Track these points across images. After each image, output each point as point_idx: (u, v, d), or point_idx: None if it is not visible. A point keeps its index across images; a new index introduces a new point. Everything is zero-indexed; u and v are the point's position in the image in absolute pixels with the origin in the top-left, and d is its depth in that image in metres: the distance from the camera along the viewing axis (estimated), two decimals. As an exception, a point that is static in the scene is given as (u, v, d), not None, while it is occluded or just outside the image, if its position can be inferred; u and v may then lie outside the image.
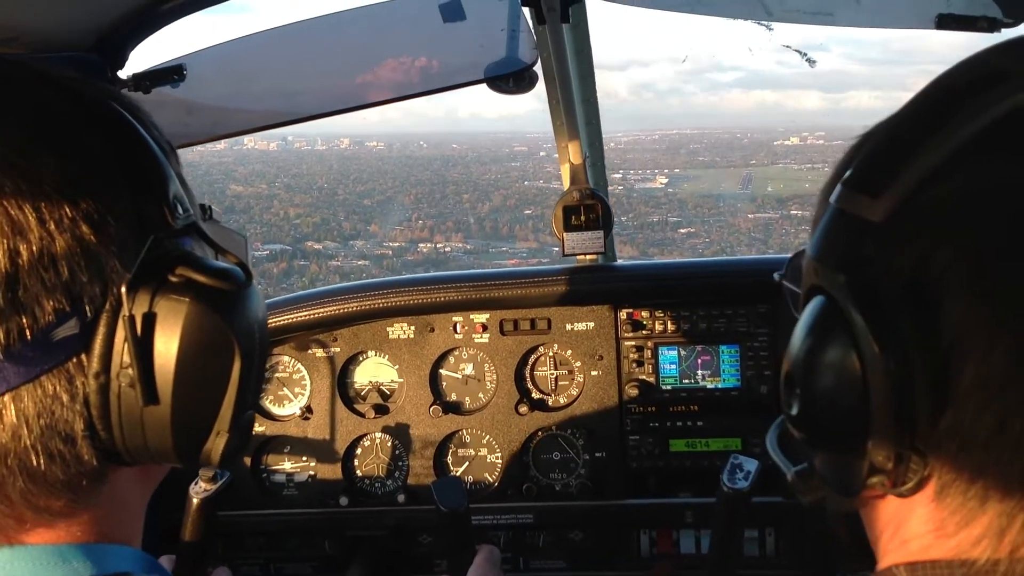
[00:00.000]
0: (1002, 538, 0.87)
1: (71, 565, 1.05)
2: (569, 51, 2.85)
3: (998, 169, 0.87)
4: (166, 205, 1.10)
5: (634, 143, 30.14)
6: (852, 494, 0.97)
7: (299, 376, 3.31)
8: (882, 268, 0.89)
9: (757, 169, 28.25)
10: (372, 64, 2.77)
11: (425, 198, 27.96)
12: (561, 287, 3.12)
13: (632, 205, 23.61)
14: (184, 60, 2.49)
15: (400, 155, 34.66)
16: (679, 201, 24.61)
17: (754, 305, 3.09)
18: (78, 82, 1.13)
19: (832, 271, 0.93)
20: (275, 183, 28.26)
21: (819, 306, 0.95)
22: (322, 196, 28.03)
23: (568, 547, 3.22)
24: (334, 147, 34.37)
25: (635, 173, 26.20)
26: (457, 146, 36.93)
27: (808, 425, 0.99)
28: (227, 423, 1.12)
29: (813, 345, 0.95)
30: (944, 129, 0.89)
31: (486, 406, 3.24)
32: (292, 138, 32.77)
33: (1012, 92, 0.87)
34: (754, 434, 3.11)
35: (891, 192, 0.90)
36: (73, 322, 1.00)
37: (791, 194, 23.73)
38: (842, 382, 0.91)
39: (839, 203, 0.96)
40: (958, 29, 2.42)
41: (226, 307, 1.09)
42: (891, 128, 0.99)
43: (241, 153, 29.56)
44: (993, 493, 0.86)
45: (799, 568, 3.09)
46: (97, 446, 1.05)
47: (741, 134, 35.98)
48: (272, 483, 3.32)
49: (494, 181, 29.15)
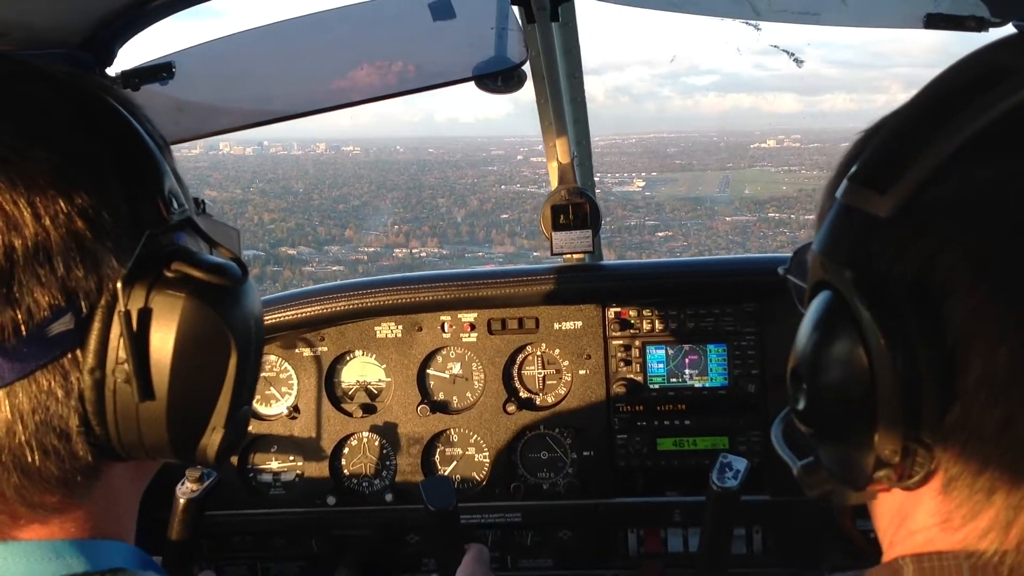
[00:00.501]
0: (1009, 530, 0.88)
1: (65, 561, 1.05)
2: (558, 50, 2.87)
3: (1001, 167, 0.88)
4: (161, 200, 1.10)
5: (611, 146, 30.27)
6: (859, 487, 0.97)
7: (286, 375, 3.31)
8: (889, 264, 0.90)
9: (734, 172, 28.46)
10: (362, 61, 2.78)
11: (401, 203, 27.95)
12: (549, 286, 3.14)
13: (610, 208, 23.71)
14: (173, 57, 2.49)
15: (377, 159, 34.65)
16: (656, 204, 24.73)
17: (741, 304, 3.12)
18: (72, 77, 1.13)
19: (839, 266, 0.94)
20: (250, 188, 28.14)
21: (826, 301, 0.96)
22: (297, 201, 27.96)
23: (556, 546, 3.24)
24: (310, 152, 34.33)
25: (612, 176, 26.30)
26: (434, 151, 36.96)
27: (815, 419, 1.01)
28: (223, 418, 1.13)
29: (820, 340, 0.96)
30: (949, 125, 0.90)
31: (474, 405, 3.25)
32: (268, 143, 32.70)
33: (1015, 89, 0.88)
34: (741, 433, 3.14)
35: (898, 188, 0.91)
36: (68, 317, 1.00)
37: (768, 197, 23.91)
38: (849, 377, 0.92)
39: (846, 198, 0.97)
40: (946, 28, 2.46)
41: (222, 302, 1.09)
42: (897, 123, 1.00)
43: (216, 159, 29.44)
44: (1000, 486, 0.87)
45: (786, 566, 3.12)
46: (92, 442, 1.05)
47: (718, 137, 36.29)
48: (259, 483, 3.32)
49: (471, 185, 29.19)
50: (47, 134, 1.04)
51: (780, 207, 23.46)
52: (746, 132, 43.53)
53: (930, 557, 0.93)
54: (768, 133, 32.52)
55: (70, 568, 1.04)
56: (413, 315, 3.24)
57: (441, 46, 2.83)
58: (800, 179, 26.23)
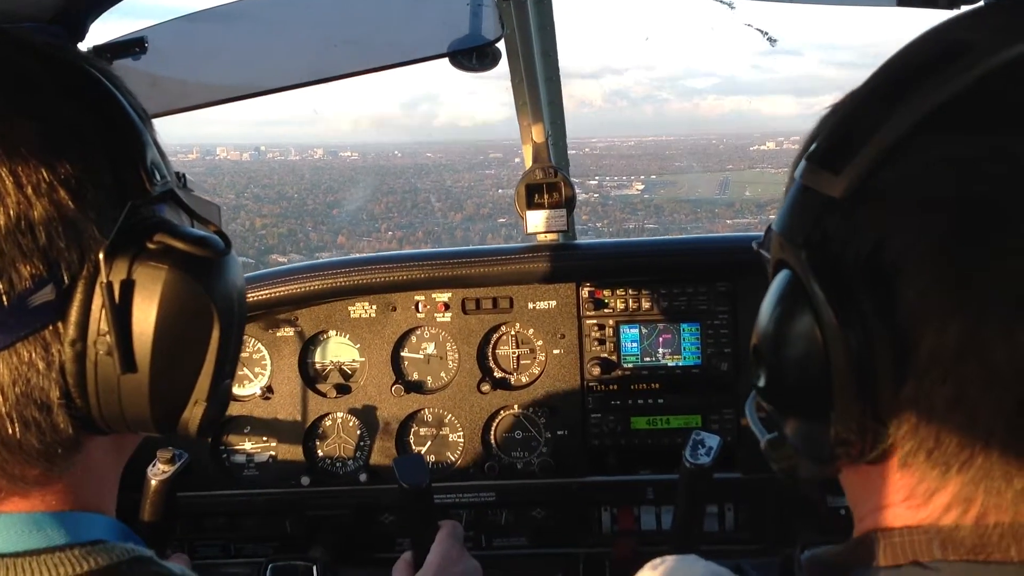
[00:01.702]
0: (969, 506, 0.89)
1: (45, 533, 1.06)
2: (533, 28, 2.92)
3: (952, 148, 0.88)
4: (144, 171, 1.11)
5: (609, 149, 30.28)
6: (821, 462, 1.00)
7: (259, 356, 3.34)
8: (842, 245, 0.92)
9: (734, 174, 28.41)
10: (336, 37, 2.82)
11: (396, 207, 27.89)
12: (523, 265, 3.18)
13: (608, 211, 23.66)
14: (146, 32, 2.54)
15: (374, 164, 34.59)
16: (655, 207, 24.67)
17: (714, 283, 3.17)
18: (54, 48, 1.13)
19: (795, 247, 0.96)
20: (244, 193, 28.09)
21: (784, 280, 0.98)
22: (291, 206, 27.88)
23: (530, 525, 3.29)
24: (308, 157, 34.30)
25: (611, 179, 26.28)
26: (432, 155, 36.92)
27: (774, 396, 1.04)
28: (205, 392, 1.14)
29: (778, 318, 0.98)
30: (903, 104, 0.91)
31: (448, 385, 3.29)
32: (265, 148, 32.64)
33: (971, 65, 0.87)
34: (714, 411, 3.20)
35: (851, 169, 0.92)
36: (49, 288, 1.01)
37: (769, 198, 23.79)
38: (805, 355, 0.94)
39: (803, 179, 0.99)
40: (919, 6, 2.51)
41: (205, 274, 1.10)
42: (853, 103, 1.01)
43: (213, 164, 29.42)
44: (954, 462, 0.88)
45: (758, 542, 3.17)
46: (73, 414, 1.06)
47: (717, 140, 36.27)
48: (232, 463, 3.35)
49: (467, 189, 29.15)
50: (30, 103, 1.05)
51: (782, 208, 23.40)
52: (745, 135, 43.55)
53: (900, 532, 0.95)
54: (768, 135, 32.60)
55: (51, 540, 1.05)
56: (387, 295, 3.28)
57: (416, 22, 2.87)
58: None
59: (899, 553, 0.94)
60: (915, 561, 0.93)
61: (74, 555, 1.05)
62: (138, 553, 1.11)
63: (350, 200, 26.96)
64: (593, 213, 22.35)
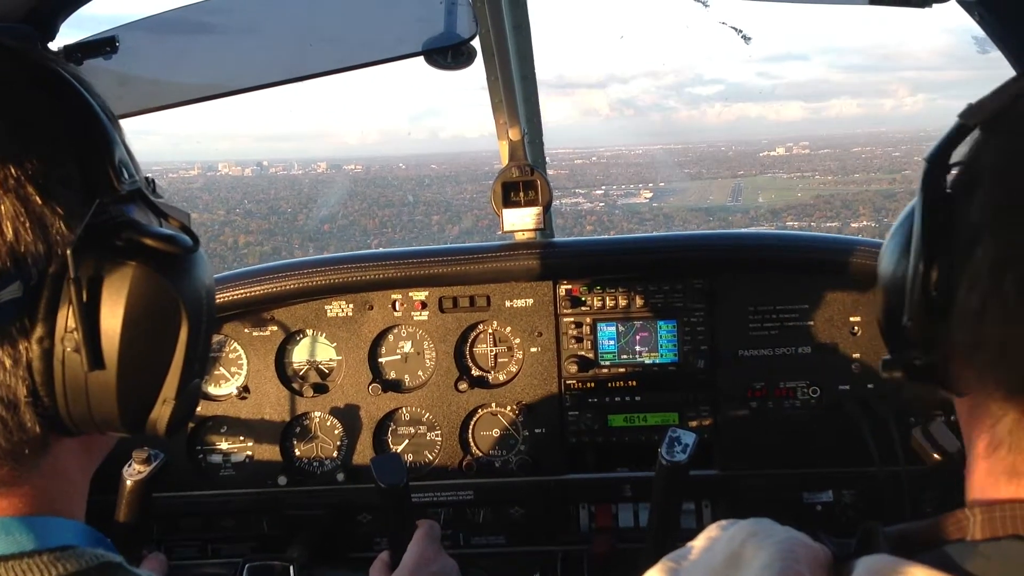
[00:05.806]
0: None
1: (13, 538, 1.07)
2: (508, 26, 3.05)
3: None
4: (112, 169, 1.15)
5: (616, 157, 30.28)
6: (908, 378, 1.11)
7: (236, 355, 3.47)
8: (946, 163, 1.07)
9: (745, 180, 28.39)
10: (309, 35, 2.95)
11: (391, 221, 27.85)
12: (500, 263, 3.31)
13: (615, 222, 23.65)
14: (116, 32, 2.67)
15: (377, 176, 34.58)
16: (665, 216, 24.62)
17: (691, 280, 3.29)
18: (23, 47, 1.19)
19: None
20: (236, 209, 28.07)
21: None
22: (281, 221, 27.84)
23: (508, 523, 3.42)
24: (311, 171, 34.32)
25: (618, 188, 26.29)
26: (436, 166, 36.92)
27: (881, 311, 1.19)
28: (174, 390, 1.17)
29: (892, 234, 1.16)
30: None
31: (426, 384, 3.42)
32: (268, 163, 32.65)
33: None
34: (691, 408, 3.32)
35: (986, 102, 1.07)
36: (16, 285, 1.04)
37: (784, 205, 23.69)
38: (897, 271, 1.10)
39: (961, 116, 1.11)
40: (891, 5, 2.64)
41: (173, 271, 1.14)
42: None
43: (213, 179, 29.46)
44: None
45: None
46: (40, 413, 1.09)
47: (725, 147, 36.25)
48: (208, 464, 3.48)
49: (468, 201, 29.14)
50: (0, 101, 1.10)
51: (799, 215, 23.30)
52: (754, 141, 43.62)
53: (1001, 506, 0.99)
54: (776, 141, 32.71)
55: (20, 546, 1.07)
56: (364, 293, 3.41)
57: (390, 21, 3.00)
58: (815, 184, 26.19)
59: (998, 526, 0.98)
60: (1015, 534, 0.97)
61: (42, 561, 1.07)
62: (107, 559, 1.13)
63: (322, 203, 26.88)
64: (599, 224, 22.36)
